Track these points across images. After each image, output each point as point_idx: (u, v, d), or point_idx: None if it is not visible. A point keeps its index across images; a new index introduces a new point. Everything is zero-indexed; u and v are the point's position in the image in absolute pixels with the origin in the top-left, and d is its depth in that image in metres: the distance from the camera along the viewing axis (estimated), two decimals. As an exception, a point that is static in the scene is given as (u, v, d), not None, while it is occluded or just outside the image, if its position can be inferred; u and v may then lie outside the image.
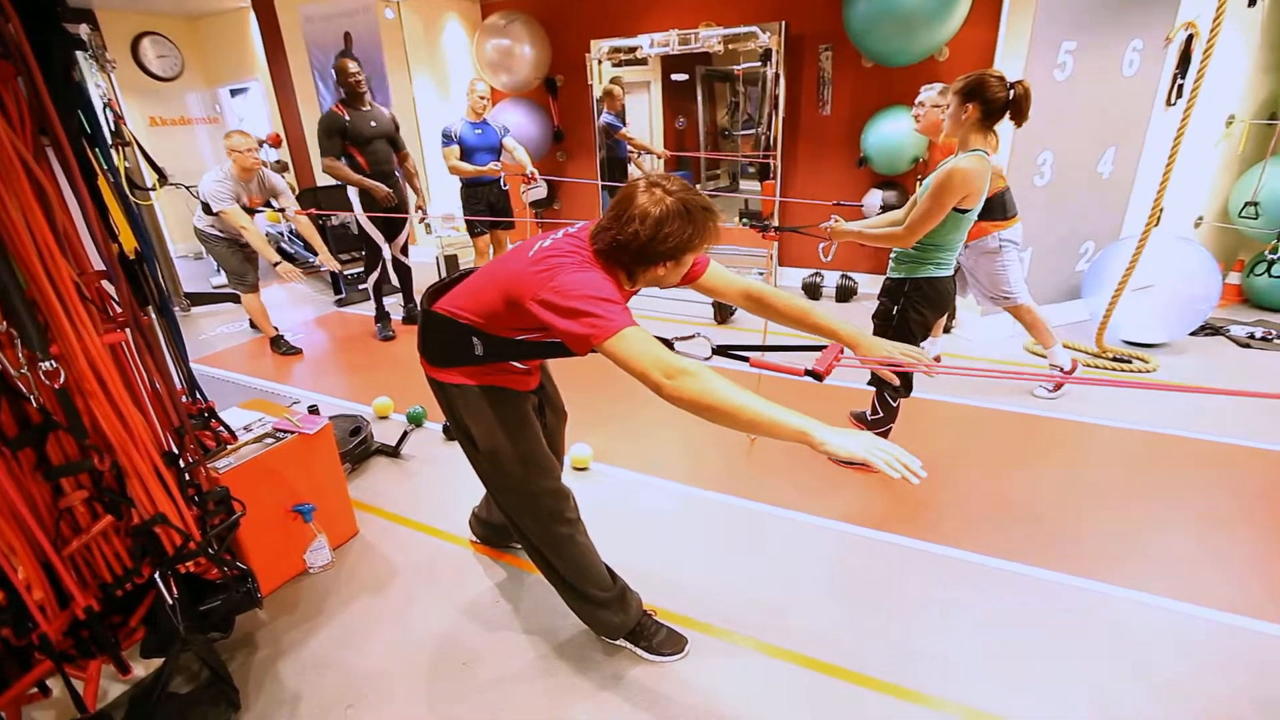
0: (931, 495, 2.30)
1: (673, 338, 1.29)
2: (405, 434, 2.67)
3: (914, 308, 2.10)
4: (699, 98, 6.18)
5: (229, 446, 1.78)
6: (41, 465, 1.28)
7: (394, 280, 4.34)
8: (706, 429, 2.81)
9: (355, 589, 1.91)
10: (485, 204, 4.26)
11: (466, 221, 4.37)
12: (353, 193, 3.84)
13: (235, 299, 4.91)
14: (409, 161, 3.99)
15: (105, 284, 1.43)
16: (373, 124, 3.73)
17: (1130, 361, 3.40)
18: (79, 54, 1.39)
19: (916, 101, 3.03)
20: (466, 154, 4.12)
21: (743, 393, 1.05)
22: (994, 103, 1.87)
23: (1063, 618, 1.73)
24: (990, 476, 2.41)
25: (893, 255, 2.17)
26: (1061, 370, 3.01)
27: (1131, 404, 2.91)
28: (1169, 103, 3.76)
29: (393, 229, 4.01)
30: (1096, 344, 3.46)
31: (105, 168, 1.42)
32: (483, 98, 4.00)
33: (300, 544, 1.94)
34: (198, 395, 1.77)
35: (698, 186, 6.41)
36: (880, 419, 2.34)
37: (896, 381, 1.54)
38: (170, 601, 1.46)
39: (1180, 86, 3.70)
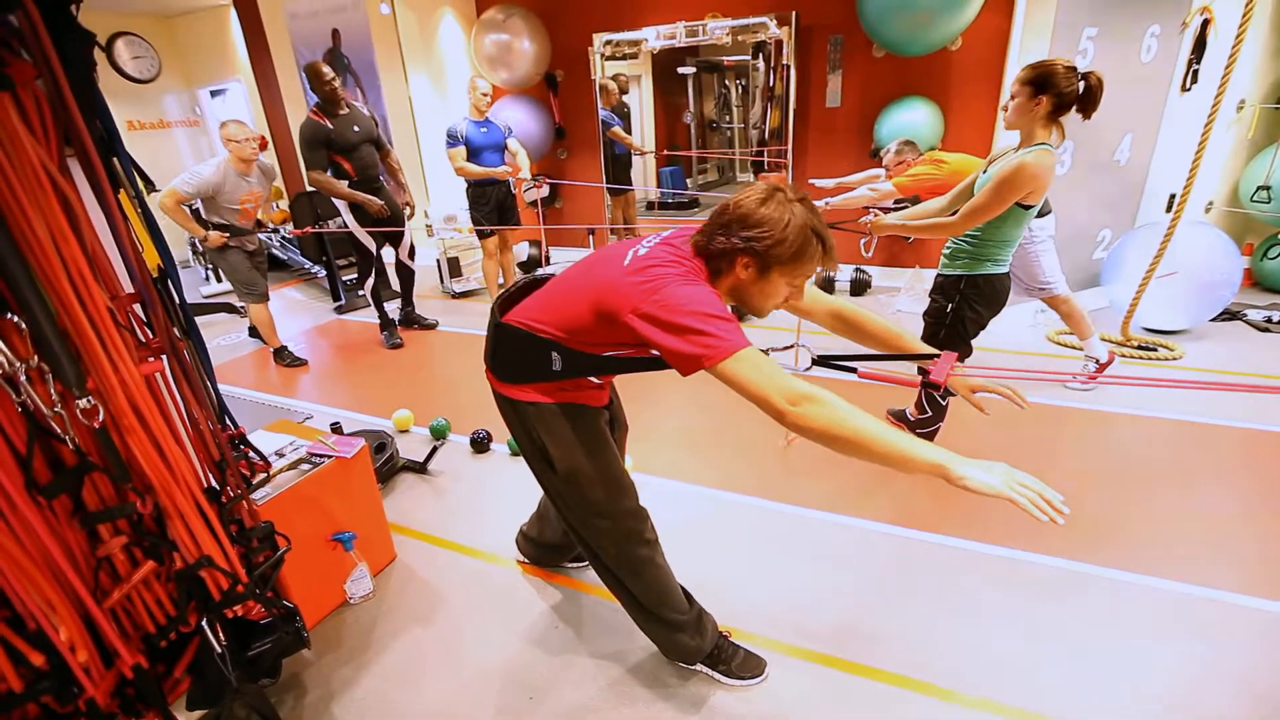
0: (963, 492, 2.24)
1: (767, 348, 1.20)
2: (434, 449, 2.55)
3: (970, 305, 2.03)
4: (689, 91, 6.11)
5: (265, 476, 1.66)
6: (78, 511, 1.16)
7: (395, 285, 4.22)
8: (737, 433, 2.78)
9: (401, 619, 1.80)
10: (494, 204, 4.13)
11: (474, 222, 4.24)
12: (341, 203, 3.70)
13: (230, 309, 4.74)
14: (390, 158, 3.83)
15: (135, 307, 1.31)
16: (355, 129, 3.57)
17: (1155, 350, 3.38)
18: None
19: (884, 151, 3.21)
20: (473, 154, 3.99)
21: (872, 421, 0.99)
22: (1066, 95, 1.79)
23: (1117, 613, 1.68)
24: (1032, 471, 2.35)
25: (946, 251, 2.10)
26: (1098, 362, 2.97)
27: (1164, 392, 2.88)
28: (1184, 88, 3.73)
29: (392, 235, 3.89)
30: (1121, 333, 3.44)
31: (127, 179, 1.30)
32: (485, 95, 3.87)
33: (340, 574, 1.83)
34: (227, 420, 1.66)
35: (688, 182, 6.38)
36: (928, 418, 2.28)
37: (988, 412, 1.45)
38: (219, 649, 1.34)
39: (1195, 72, 3.68)
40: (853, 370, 1.26)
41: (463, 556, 2.05)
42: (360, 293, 4.68)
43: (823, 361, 1.30)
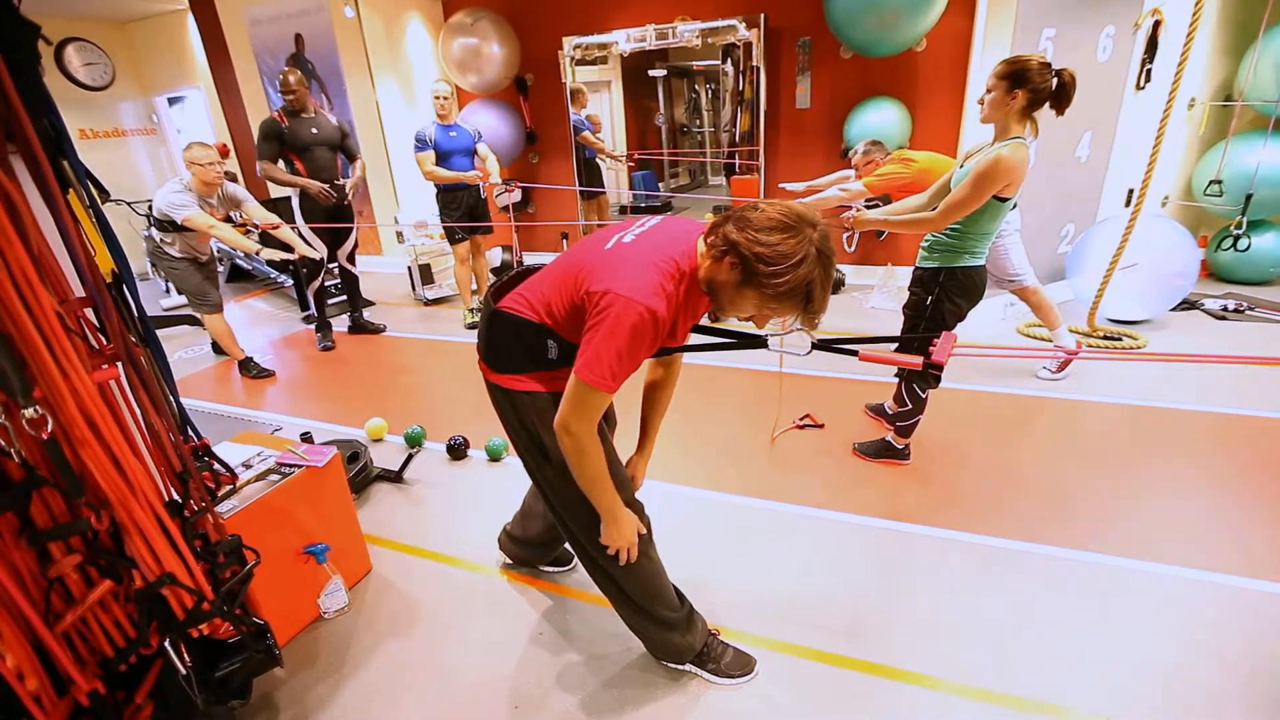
0: (956, 483, 2.27)
1: (768, 332, 1.20)
2: (409, 457, 2.48)
3: (949, 297, 2.05)
4: (660, 95, 6.14)
5: (231, 488, 1.59)
6: (26, 529, 1.09)
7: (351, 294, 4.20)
8: (724, 432, 2.77)
9: (378, 633, 1.74)
10: (464, 209, 4.08)
11: (445, 228, 4.18)
12: (294, 201, 3.80)
13: (192, 321, 4.58)
14: (360, 161, 3.92)
15: (88, 312, 1.24)
16: (313, 131, 3.66)
17: (1120, 339, 3.47)
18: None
19: (852, 152, 3.27)
20: (441, 158, 3.94)
21: (601, 469, 1.23)
22: (1041, 90, 1.84)
23: (1111, 599, 1.70)
24: (1010, 461, 2.40)
25: (925, 245, 2.12)
26: (1066, 352, 3.04)
27: (1131, 380, 2.96)
28: (1139, 87, 3.86)
29: (337, 236, 3.91)
30: (1088, 323, 3.52)
31: (76, 179, 1.23)
32: (441, 98, 3.83)
33: (313, 587, 1.76)
34: (189, 431, 1.58)
35: (660, 186, 6.41)
36: (908, 410, 2.30)
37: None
38: (184, 671, 1.27)
39: (1149, 71, 3.81)
40: (853, 353, 1.25)
41: (441, 565, 2.00)
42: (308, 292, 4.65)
43: (823, 345, 1.29)
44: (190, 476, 1.32)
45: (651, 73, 5.36)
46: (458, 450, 2.57)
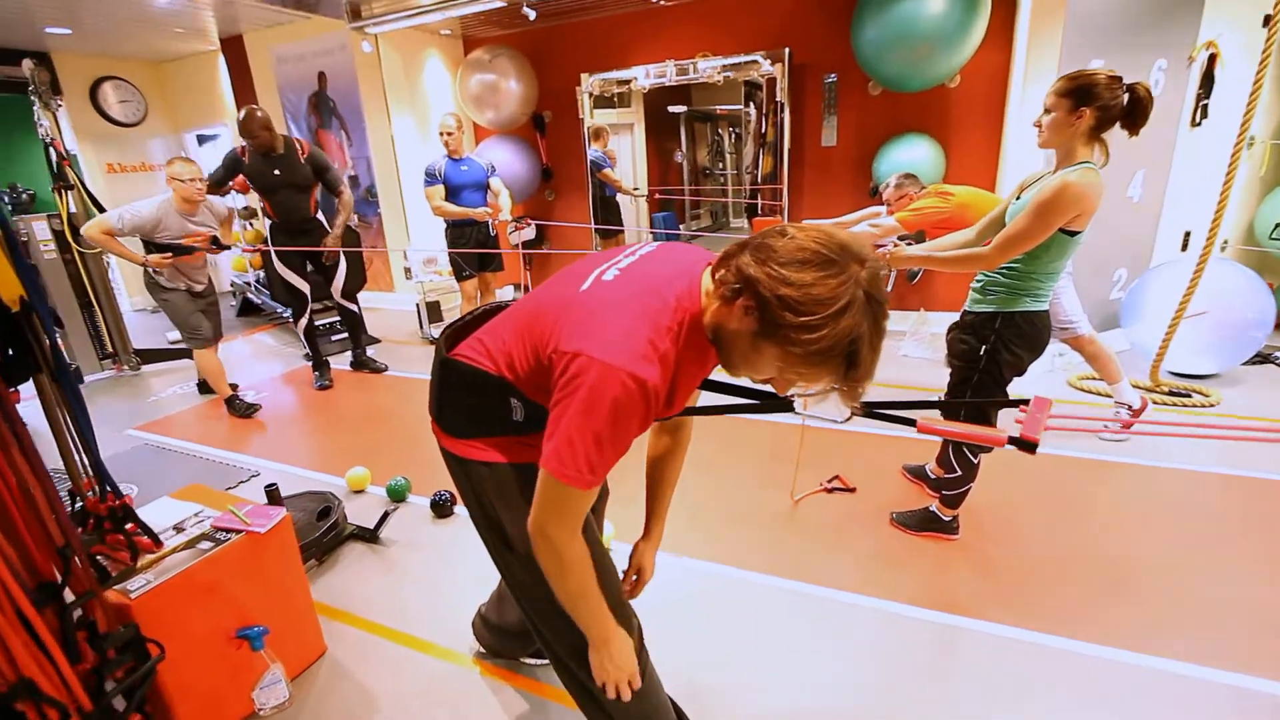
0: (1016, 567, 1.92)
1: (795, 392, 0.91)
2: (386, 514, 2.22)
3: (1007, 347, 1.76)
4: (682, 135, 6.05)
5: (149, 557, 1.33)
6: None
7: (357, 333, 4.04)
8: (741, 497, 2.45)
9: (321, 738, 1.44)
10: (473, 244, 3.92)
11: (453, 264, 4.02)
12: (269, 238, 3.65)
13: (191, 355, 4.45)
14: (342, 199, 3.69)
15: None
16: (275, 172, 3.44)
17: (1190, 395, 3.11)
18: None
19: (883, 186, 3.03)
20: (452, 193, 3.81)
21: (588, 583, 0.95)
22: (1111, 108, 1.58)
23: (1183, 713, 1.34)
24: (1079, 539, 2.04)
25: (977, 286, 1.84)
26: (1130, 409, 2.69)
27: (1205, 442, 2.60)
28: (1194, 123, 3.60)
29: (327, 274, 3.74)
30: (1151, 377, 3.17)
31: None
32: (446, 133, 3.70)
33: (247, 677, 1.48)
34: (109, 489, 1.34)
35: (681, 227, 6.25)
36: (958, 478, 1.98)
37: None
38: (39, 811, 0.99)
39: (1205, 107, 3.56)
40: (909, 422, 0.97)
41: (408, 650, 1.70)
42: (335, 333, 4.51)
43: (870, 412, 1.01)
44: (74, 552, 1.07)
45: (671, 109, 5.24)
46: (443, 507, 2.30)
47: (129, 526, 1.33)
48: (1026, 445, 0.87)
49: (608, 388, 0.80)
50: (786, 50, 3.98)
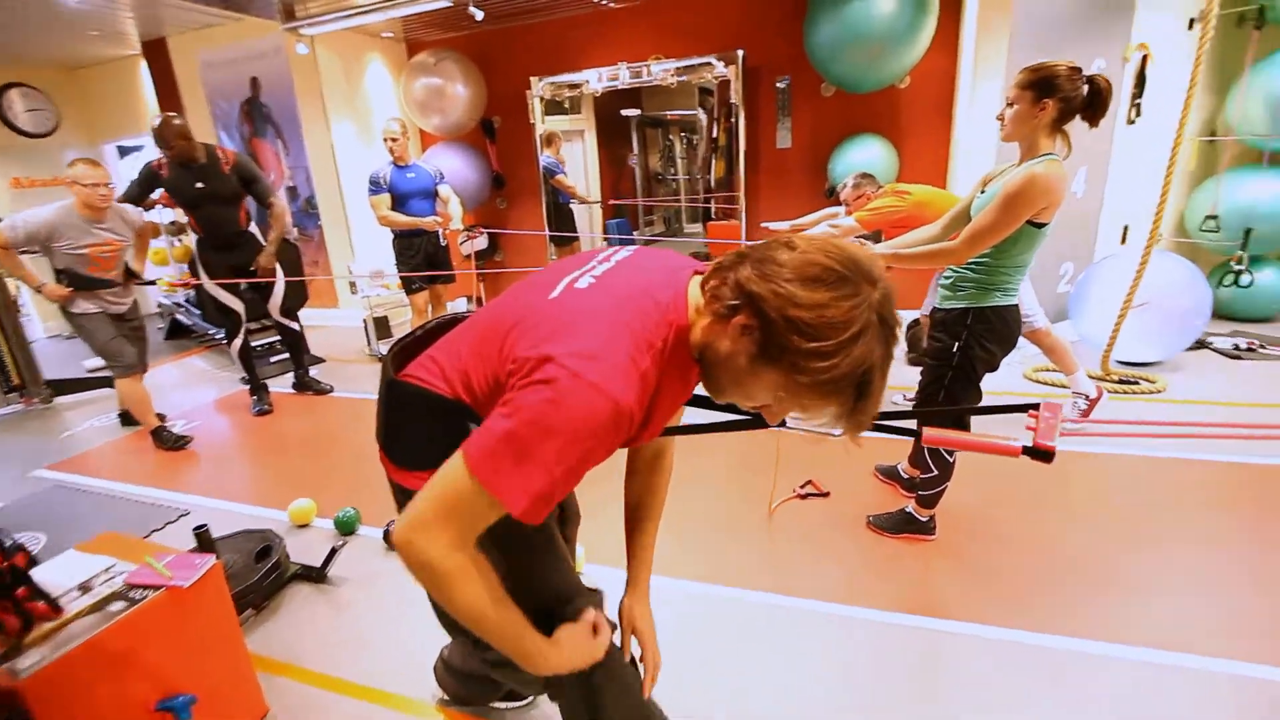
0: (995, 564, 1.90)
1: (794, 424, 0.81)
2: (333, 551, 2.03)
3: (979, 343, 1.73)
4: (634, 141, 6.00)
5: (46, 626, 1.14)
6: None
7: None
8: (719, 510, 2.35)
9: (262, 817, 1.27)
10: (422, 256, 3.73)
11: (401, 277, 3.83)
12: (197, 255, 3.37)
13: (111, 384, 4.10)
14: (275, 209, 3.39)
15: None
16: (198, 185, 3.13)
17: (1138, 383, 3.21)
18: None
19: (841, 186, 3.06)
20: (399, 201, 3.62)
21: (483, 597, 0.77)
22: (1073, 99, 1.60)
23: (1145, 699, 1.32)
24: (1053, 533, 2.04)
25: (946, 283, 1.81)
26: (1087, 398, 2.74)
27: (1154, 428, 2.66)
28: (1129, 121, 3.74)
29: (259, 289, 3.47)
30: (1102, 367, 3.25)
31: None
32: (391, 139, 3.52)
33: (173, 754, 1.29)
34: (-5, 548, 1.15)
35: (634, 233, 6.18)
36: (934, 478, 1.94)
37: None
38: None
39: (1139, 105, 3.70)
40: (914, 434, 0.90)
41: (363, 705, 1.54)
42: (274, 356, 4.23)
43: (875, 426, 0.92)
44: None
45: (625, 112, 5.17)
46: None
47: (19, 591, 1.13)
48: (1042, 455, 0.80)
49: (574, 403, 0.68)
50: (740, 52, 3.96)
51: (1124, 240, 3.98)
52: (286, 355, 3.94)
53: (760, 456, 2.58)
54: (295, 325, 3.71)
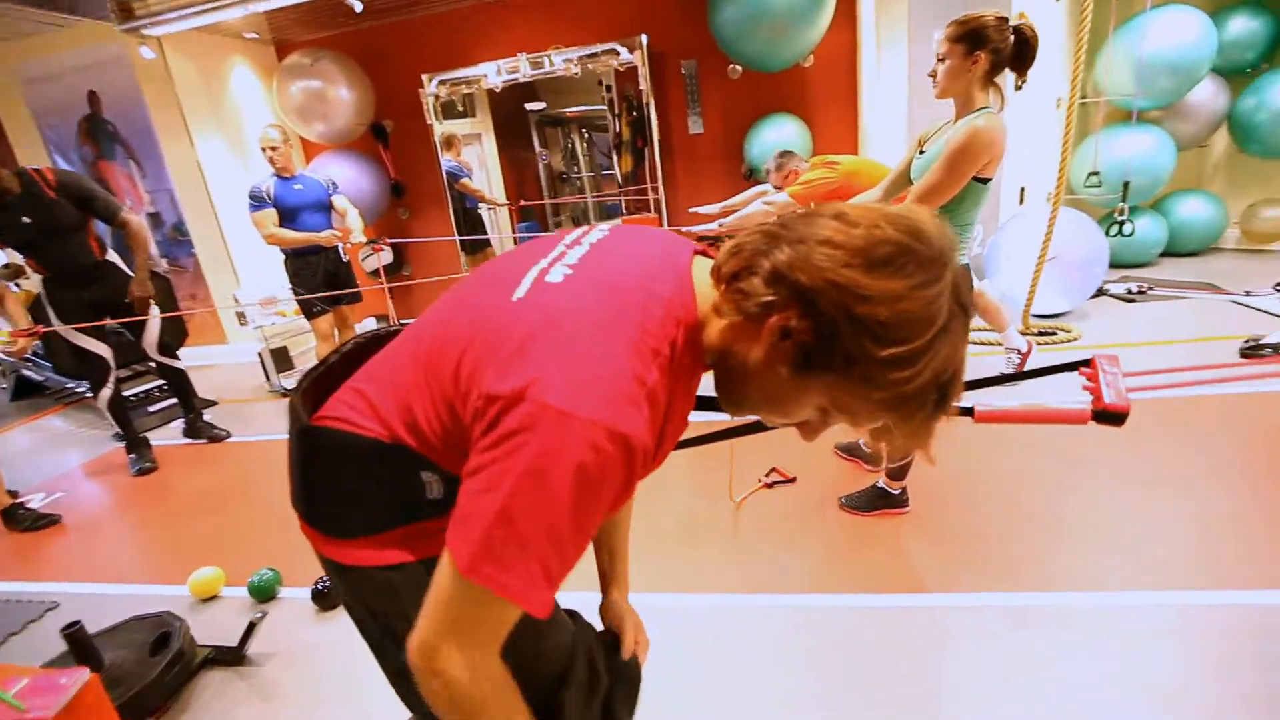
0: (970, 527, 1.88)
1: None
2: (252, 624, 1.71)
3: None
4: (535, 141, 5.79)
5: None
6: None
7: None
8: (682, 518, 2.22)
9: None
10: (322, 275, 3.35)
11: (300, 301, 3.42)
12: (44, 297, 2.84)
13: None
14: (128, 229, 2.85)
15: None
16: (24, 220, 2.60)
17: (1056, 334, 3.38)
18: None
19: (765, 168, 3.02)
20: (287, 216, 3.22)
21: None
22: (1003, 50, 1.59)
23: (1089, 636, 1.32)
24: (1014, 489, 2.05)
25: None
26: (1019, 353, 2.83)
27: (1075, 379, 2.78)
28: (1016, 88, 3.93)
29: (132, 328, 3.00)
30: (1023, 321, 3.41)
31: None
32: (272, 147, 3.14)
33: None
34: None
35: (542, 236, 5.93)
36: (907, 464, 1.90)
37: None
38: None
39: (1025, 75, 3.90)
40: (968, 411, 0.78)
41: (308, 810, 1.27)
42: (98, 405, 3.65)
43: None
44: None
45: (529, 106, 4.94)
46: (326, 596, 1.83)
47: None
48: (1115, 417, 0.70)
49: (572, 453, 0.50)
50: (643, 37, 3.84)
51: (1021, 201, 4.21)
52: (169, 402, 3.44)
53: (714, 449, 2.46)
54: (179, 364, 3.23)
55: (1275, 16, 4.02)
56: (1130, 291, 3.86)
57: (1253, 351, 2.77)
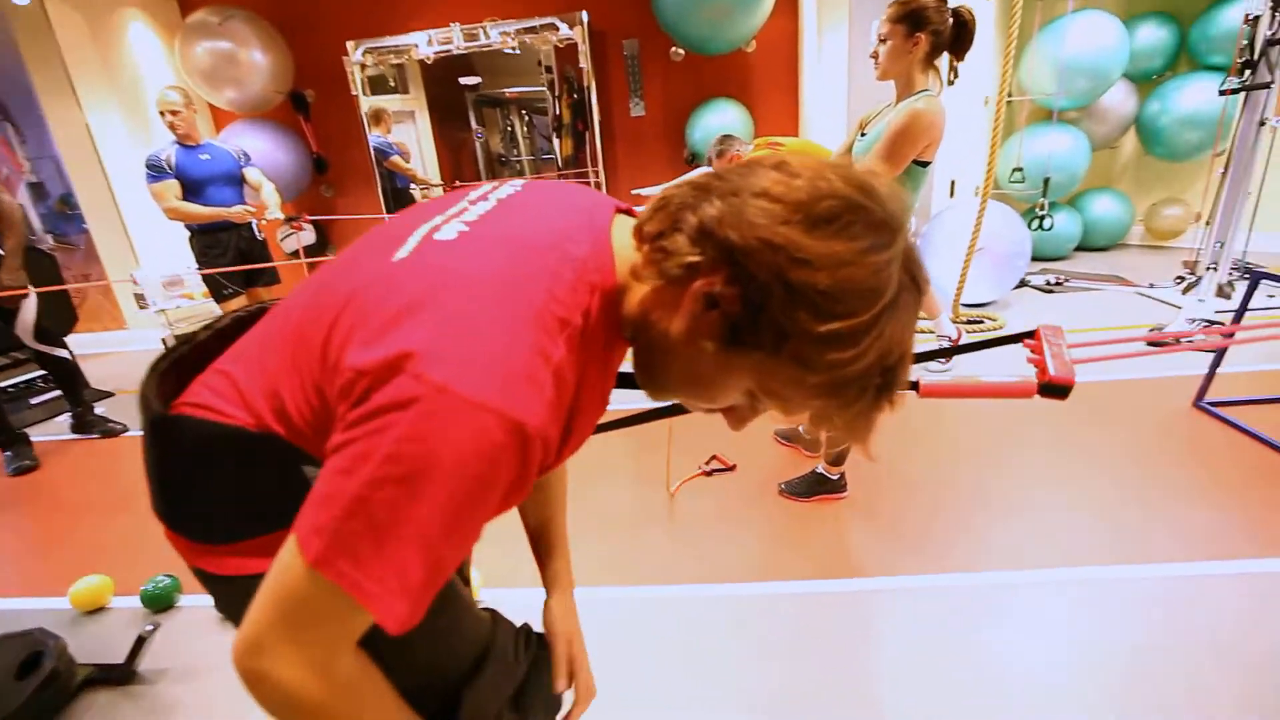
0: (904, 510, 1.91)
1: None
2: (141, 638, 1.53)
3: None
4: (472, 123, 5.58)
5: None
6: None
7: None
8: (610, 504, 2.15)
9: None
10: (234, 254, 3.09)
11: (208, 282, 3.14)
12: None
13: None
14: (2, 208, 2.53)
15: None
16: None
17: (983, 321, 3.52)
18: None
19: (708, 154, 2.99)
20: (192, 189, 2.94)
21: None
22: (942, 32, 1.61)
23: (1049, 613, 1.39)
24: (949, 471, 2.10)
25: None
26: (950, 339, 2.92)
27: (1007, 361, 2.90)
28: (949, 83, 4.05)
29: (2, 312, 2.67)
30: (953, 310, 3.52)
31: None
32: (172, 111, 2.84)
33: None
34: None
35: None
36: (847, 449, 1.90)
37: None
38: None
39: (956, 68, 4.01)
40: (912, 386, 0.74)
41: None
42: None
43: None
44: None
45: (463, 80, 4.71)
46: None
47: None
48: (1060, 390, 0.68)
49: (451, 437, 0.42)
50: (583, 14, 3.71)
51: (952, 194, 4.36)
52: (55, 394, 3.10)
53: (655, 434, 2.41)
54: (63, 353, 2.90)
55: (1180, 26, 4.29)
56: (1049, 283, 4.06)
57: (1157, 343, 2.95)
